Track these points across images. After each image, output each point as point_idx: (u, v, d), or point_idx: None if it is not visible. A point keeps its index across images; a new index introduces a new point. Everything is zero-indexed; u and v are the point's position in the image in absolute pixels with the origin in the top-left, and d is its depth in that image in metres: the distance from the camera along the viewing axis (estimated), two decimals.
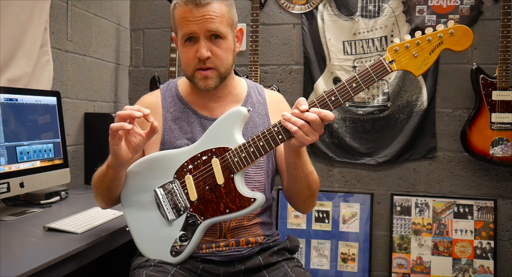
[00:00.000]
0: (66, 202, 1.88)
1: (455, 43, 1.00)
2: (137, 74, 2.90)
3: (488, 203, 2.43)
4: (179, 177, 1.20)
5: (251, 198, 1.14)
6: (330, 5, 2.59)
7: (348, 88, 1.06)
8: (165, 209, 1.20)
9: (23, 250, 1.24)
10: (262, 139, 1.12)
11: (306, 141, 1.07)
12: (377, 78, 1.05)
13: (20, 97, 1.69)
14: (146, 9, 2.86)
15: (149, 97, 1.37)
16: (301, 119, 1.06)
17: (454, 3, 2.45)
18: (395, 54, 1.04)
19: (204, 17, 1.18)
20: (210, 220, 1.18)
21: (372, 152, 2.58)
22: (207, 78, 1.23)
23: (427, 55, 1.02)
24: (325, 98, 1.08)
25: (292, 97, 2.66)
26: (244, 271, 1.25)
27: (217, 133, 1.18)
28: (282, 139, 1.11)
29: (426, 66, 1.02)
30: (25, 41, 1.87)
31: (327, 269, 2.56)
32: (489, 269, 2.39)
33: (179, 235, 1.20)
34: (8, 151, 1.60)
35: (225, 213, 1.16)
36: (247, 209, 1.15)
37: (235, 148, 1.14)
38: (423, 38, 1.02)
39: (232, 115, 1.17)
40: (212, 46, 1.21)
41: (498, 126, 2.27)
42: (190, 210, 1.19)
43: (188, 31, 1.20)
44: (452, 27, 1.00)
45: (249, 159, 1.13)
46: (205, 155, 1.17)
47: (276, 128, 1.11)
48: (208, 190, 1.17)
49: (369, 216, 2.57)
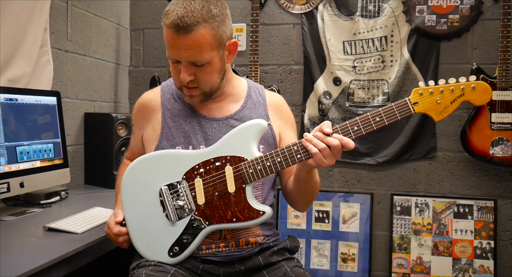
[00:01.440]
0: (66, 202, 1.88)
1: (475, 97, 1.08)
2: (137, 74, 2.90)
3: (488, 203, 2.43)
4: (188, 178, 1.19)
5: (260, 210, 1.15)
6: (330, 5, 2.59)
7: (371, 121, 1.11)
8: (169, 209, 1.19)
9: (23, 250, 1.24)
10: (280, 155, 1.13)
11: (323, 164, 1.09)
12: (400, 116, 1.10)
13: (20, 97, 1.69)
14: (146, 9, 2.86)
15: (149, 94, 1.38)
16: (322, 143, 1.08)
17: (454, 3, 2.45)
18: (419, 96, 1.10)
19: (184, 47, 1.15)
20: (215, 226, 1.18)
21: (372, 152, 2.58)
22: (192, 96, 1.25)
23: (448, 103, 1.09)
24: (348, 127, 1.11)
25: (292, 97, 2.66)
26: (244, 271, 1.25)
27: (234, 141, 1.18)
28: (300, 159, 1.12)
29: (446, 113, 1.09)
30: (25, 41, 1.87)
31: (327, 269, 2.56)
32: (489, 269, 2.39)
33: (180, 237, 1.19)
34: (8, 151, 1.60)
35: (232, 221, 1.16)
36: (254, 221, 1.16)
37: (251, 160, 1.15)
38: (447, 87, 1.08)
39: (252, 126, 1.18)
40: (195, 70, 1.20)
41: (498, 126, 2.27)
42: (196, 214, 1.18)
43: (170, 55, 1.20)
44: (474, 82, 1.07)
45: (264, 172, 1.14)
46: (219, 161, 1.18)
47: (296, 147, 1.12)
48: (217, 196, 1.17)
49: (369, 216, 2.57)
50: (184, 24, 1.12)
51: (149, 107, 1.34)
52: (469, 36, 2.47)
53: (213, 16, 1.15)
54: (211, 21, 1.15)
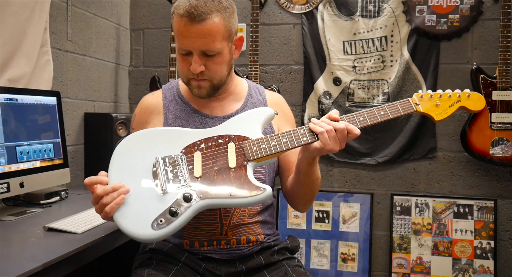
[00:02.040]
0: (66, 202, 1.88)
1: (471, 104, 1.19)
2: (137, 74, 2.90)
3: (488, 203, 2.43)
4: (187, 153, 1.15)
5: (260, 187, 1.08)
6: (330, 5, 2.59)
7: (376, 113, 1.15)
8: (163, 179, 1.09)
9: (23, 250, 1.23)
10: (286, 136, 1.13)
11: (327, 144, 1.09)
12: (403, 112, 1.17)
13: (20, 97, 1.69)
14: (146, 9, 2.86)
15: (150, 98, 1.38)
16: (329, 125, 1.10)
17: (454, 3, 2.45)
18: (420, 99, 1.19)
19: (197, 36, 1.16)
20: (209, 201, 1.07)
21: (372, 152, 2.58)
22: (200, 87, 1.24)
23: (447, 106, 1.19)
24: (354, 117, 1.15)
25: (292, 97, 2.66)
26: (245, 270, 1.25)
27: (239, 123, 1.18)
28: (306, 141, 1.12)
29: (445, 115, 1.19)
30: (25, 41, 1.87)
31: (327, 269, 2.56)
32: (489, 269, 2.39)
33: (169, 208, 1.06)
34: (8, 151, 1.60)
35: (228, 197, 1.08)
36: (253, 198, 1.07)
37: (256, 139, 1.14)
38: (445, 93, 1.20)
39: (260, 111, 1.20)
40: (206, 61, 1.20)
41: (498, 126, 2.27)
42: (190, 186, 1.09)
43: (182, 46, 1.20)
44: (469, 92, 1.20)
45: (268, 150, 1.12)
46: (222, 139, 1.16)
47: (302, 130, 1.13)
48: (216, 170, 1.11)
49: (369, 216, 2.57)
50: (198, 12, 1.14)
51: (151, 110, 1.34)
52: (469, 36, 2.47)
53: (225, 7, 1.18)
54: (223, 11, 1.18)
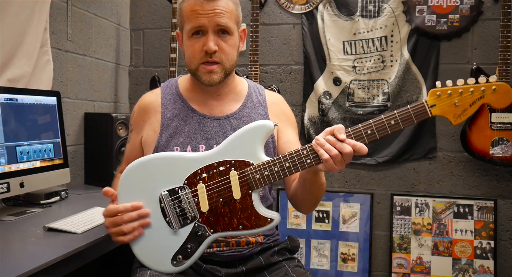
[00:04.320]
0: (66, 202, 1.88)
1: (495, 100, 1.01)
2: (137, 74, 2.90)
3: (488, 203, 2.43)
4: (190, 184, 1.12)
5: (268, 218, 1.09)
6: (330, 5, 2.59)
7: (386, 124, 1.04)
8: (171, 217, 1.12)
9: (23, 250, 1.24)
10: (288, 160, 1.07)
11: (334, 169, 1.04)
12: (417, 120, 1.03)
13: (20, 97, 1.69)
14: (146, 9, 2.86)
15: (149, 96, 1.37)
16: (335, 149, 1.02)
17: (454, 3, 2.45)
18: (437, 99, 1.03)
19: (214, 11, 1.18)
20: (220, 234, 1.12)
21: (372, 152, 2.58)
22: (211, 73, 1.22)
23: (467, 106, 1.02)
24: (362, 131, 1.05)
25: (292, 97, 2.66)
26: (246, 272, 1.25)
27: (238, 144, 1.12)
28: (310, 164, 1.06)
29: (465, 116, 1.03)
30: (25, 41, 1.87)
31: (327, 269, 2.56)
32: (489, 269, 2.39)
33: (183, 245, 1.12)
34: (8, 151, 1.60)
35: (238, 229, 1.10)
36: (262, 229, 1.10)
37: (258, 165, 1.09)
38: (466, 88, 1.01)
39: (257, 127, 1.11)
40: (220, 41, 1.21)
41: (498, 126, 2.27)
42: (199, 221, 1.11)
43: (197, 24, 1.19)
44: (495, 84, 1.00)
45: (272, 178, 1.08)
46: (223, 166, 1.11)
47: (305, 151, 1.06)
48: (222, 203, 1.11)
49: (369, 216, 2.57)
50: None
51: (150, 109, 1.33)
52: (469, 36, 2.47)
53: None
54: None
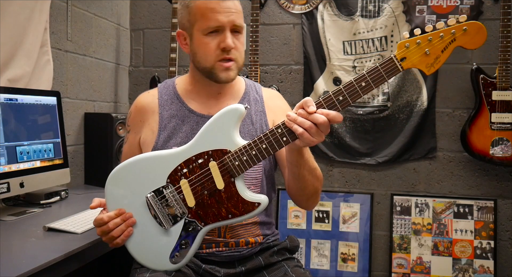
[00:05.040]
0: (66, 202, 1.88)
1: (468, 41, 0.95)
2: (137, 74, 2.90)
3: (488, 203, 2.43)
4: (172, 181, 1.11)
5: (255, 202, 1.08)
6: (330, 5, 2.59)
7: (357, 87, 0.99)
8: (161, 217, 1.12)
9: (23, 250, 1.24)
10: (264, 142, 1.05)
11: (312, 142, 1.02)
12: (388, 76, 0.98)
13: (20, 97, 1.69)
14: (146, 9, 2.86)
15: (146, 96, 1.36)
16: (308, 121, 1.00)
17: (454, 3, 2.45)
18: (406, 51, 0.97)
19: (230, 10, 1.20)
20: (211, 226, 1.11)
21: (372, 152, 2.58)
22: (228, 70, 1.23)
23: (439, 53, 0.97)
24: (333, 98, 1.00)
25: (292, 97, 2.66)
26: (245, 272, 1.25)
27: (212, 133, 1.10)
28: (287, 141, 1.04)
29: (438, 64, 0.97)
30: (25, 41, 1.87)
31: (327, 269, 2.56)
32: (489, 269, 2.39)
33: (178, 242, 1.12)
34: (8, 151, 1.60)
35: (228, 218, 1.09)
36: (251, 213, 1.09)
37: (235, 151, 1.07)
38: (436, 34, 0.95)
39: (228, 113, 1.08)
40: (234, 39, 1.23)
41: (498, 126, 2.27)
42: (189, 216, 1.11)
43: (215, 23, 1.20)
44: (465, 24, 0.94)
45: (251, 162, 1.06)
46: (201, 158, 1.09)
47: (279, 129, 1.04)
48: (207, 195, 1.10)
49: (369, 216, 2.57)
50: None
51: (147, 110, 1.32)
52: None
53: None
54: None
